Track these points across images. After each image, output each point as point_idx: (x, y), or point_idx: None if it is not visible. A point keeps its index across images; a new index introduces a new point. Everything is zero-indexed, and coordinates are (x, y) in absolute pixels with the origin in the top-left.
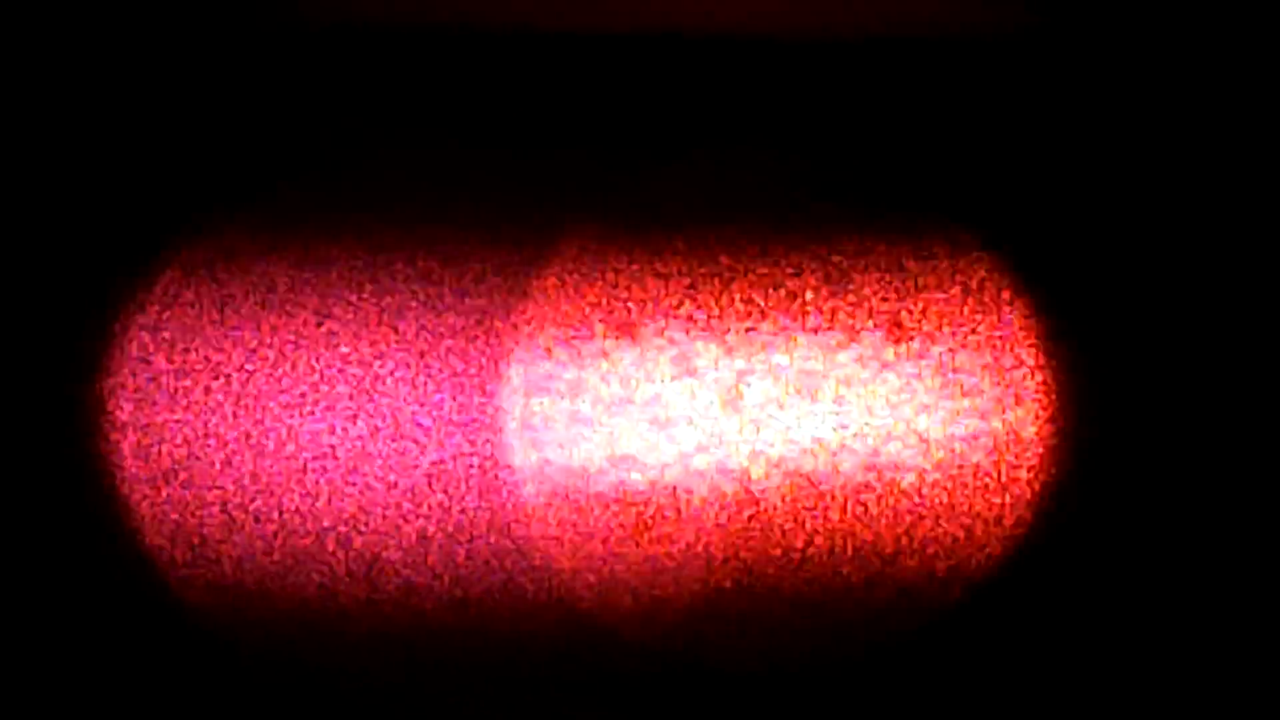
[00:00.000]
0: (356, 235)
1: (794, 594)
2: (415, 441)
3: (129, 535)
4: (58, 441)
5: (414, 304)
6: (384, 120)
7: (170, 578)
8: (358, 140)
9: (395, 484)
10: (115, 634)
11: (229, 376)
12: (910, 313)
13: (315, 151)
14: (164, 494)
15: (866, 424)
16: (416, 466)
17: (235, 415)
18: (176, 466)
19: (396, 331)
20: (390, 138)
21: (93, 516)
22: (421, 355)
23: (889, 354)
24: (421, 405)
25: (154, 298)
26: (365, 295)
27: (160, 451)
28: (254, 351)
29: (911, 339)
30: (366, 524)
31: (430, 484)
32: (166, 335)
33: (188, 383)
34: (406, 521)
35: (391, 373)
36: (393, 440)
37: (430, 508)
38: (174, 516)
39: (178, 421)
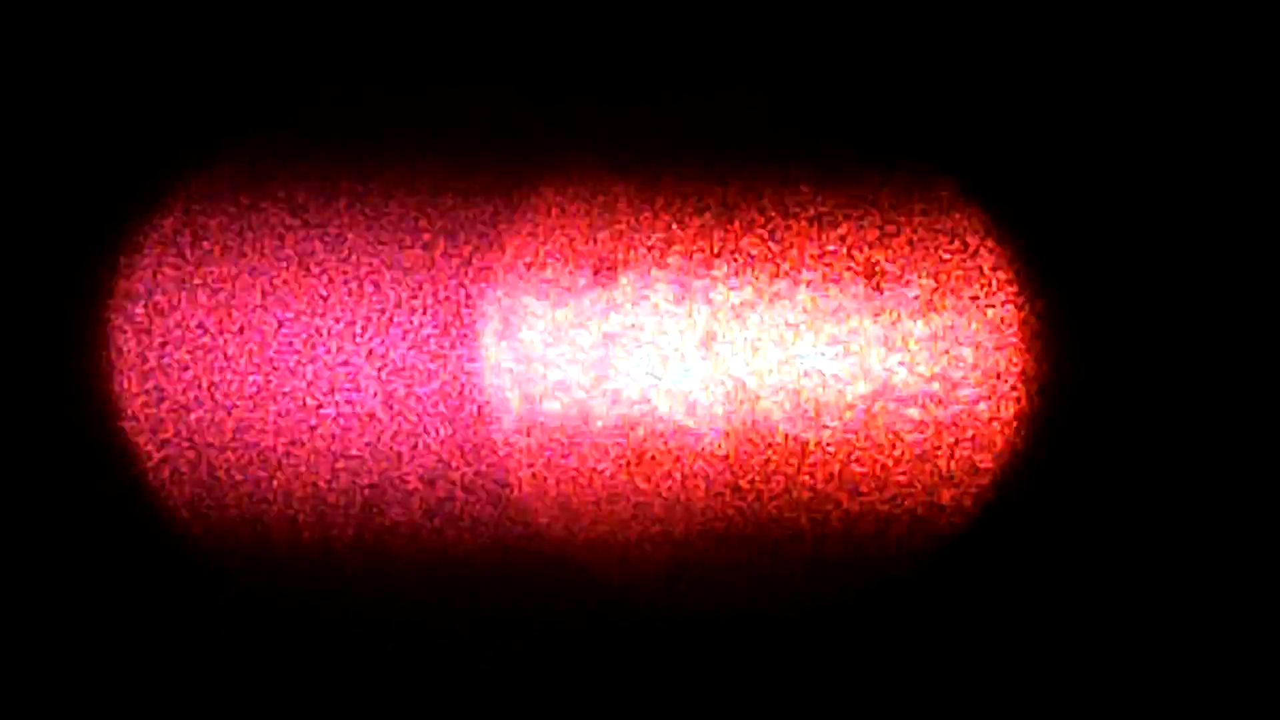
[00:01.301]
0: (339, 173)
1: (772, 538)
2: (395, 377)
3: (129, 466)
4: (59, 379)
5: (394, 241)
6: (367, 57)
7: (168, 503)
8: (343, 77)
9: (376, 420)
10: (121, 568)
11: (217, 315)
12: (888, 258)
13: (301, 89)
14: (162, 422)
15: (844, 369)
16: (397, 403)
17: (221, 353)
18: (175, 398)
19: (376, 269)
20: (372, 74)
21: (94, 450)
22: (401, 292)
23: (867, 299)
24: (401, 342)
25: (151, 236)
26: (348, 232)
27: (158, 383)
28: (240, 290)
29: (889, 284)
30: (351, 459)
31: (410, 421)
32: (167, 268)
33: (184, 316)
34: (389, 459)
35: (372, 310)
36: (371, 375)
37: (410, 446)
38: (172, 447)
39: (178, 354)
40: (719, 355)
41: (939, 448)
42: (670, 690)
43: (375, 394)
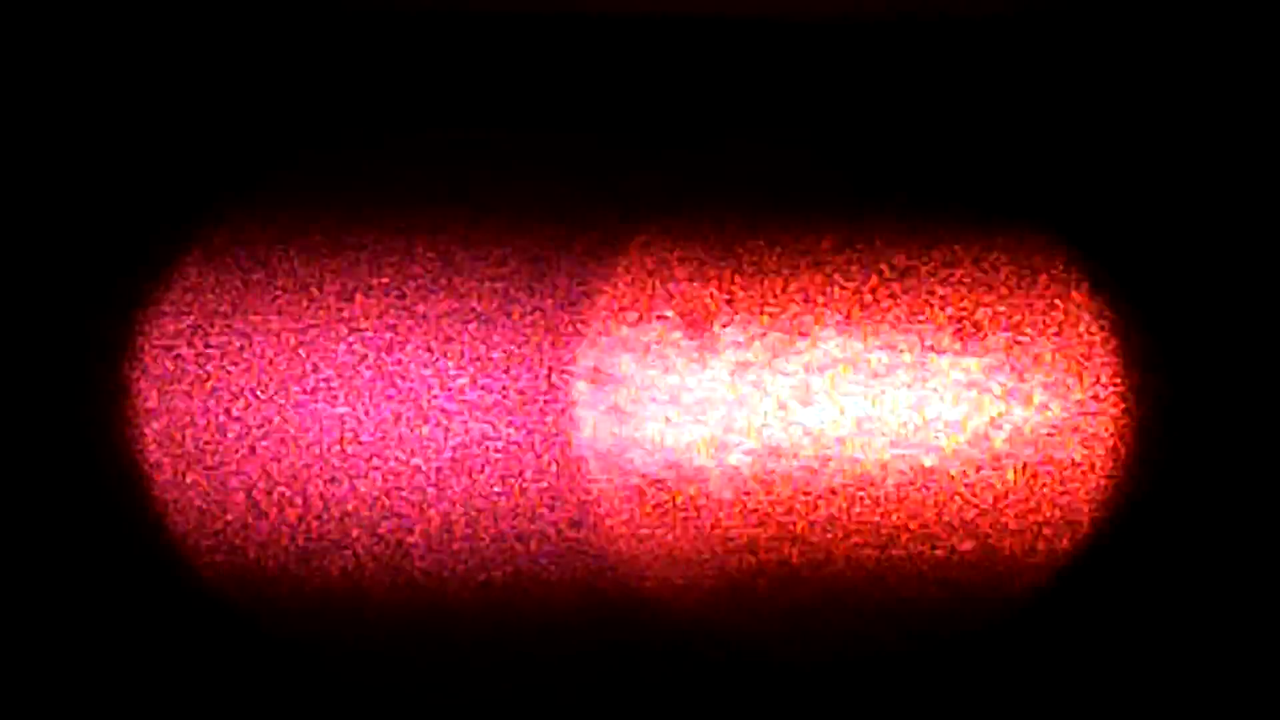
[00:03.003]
0: (424, 222)
1: (861, 589)
2: (486, 429)
3: (154, 521)
4: (82, 428)
5: (487, 293)
6: (450, 107)
7: (195, 563)
8: (422, 129)
9: (466, 471)
10: (140, 620)
11: (257, 363)
12: (978, 307)
13: (376, 136)
14: (189, 480)
15: (934, 420)
16: (489, 455)
17: (265, 403)
18: (202, 454)
19: (469, 321)
20: (456, 125)
21: (117, 503)
22: (489, 347)
23: (957, 349)
24: (493, 394)
25: (179, 282)
26: (440, 283)
27: (185, 438)
28: (319, 339)
29: (979, 334)
30: (439, 511)
31: (501, 473)
32: (192, 320)
33: (214, 369)
34: (480, 511)
35: (465, 361)
36: (463, 428)
37: (501, 499)
38: (199, 504)
39: (203, 408)
40: (812, 407)
41: (1031, 499)
42: None
43: (466, 446)
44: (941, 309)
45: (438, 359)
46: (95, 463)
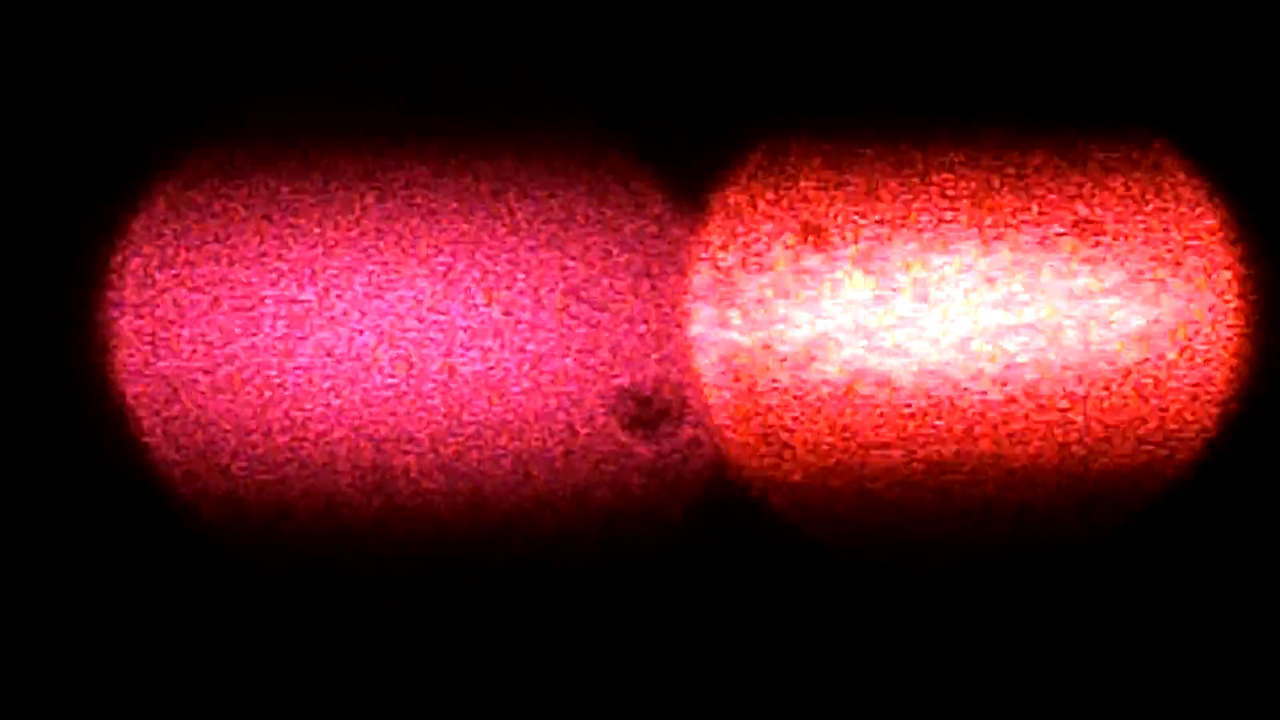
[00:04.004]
0: (523, 139)
1: (978, 493)
2: (596, 348)
3: (137, 450)
4: (63, 355)
5: (602, 209)
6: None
7: (180, 493)
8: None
9: (577, 388)
10: (127, 551)
11: (241, 291)
12: (1097, 211)
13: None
14: (172, 410)
15: (1054, 324)
16: (600, 372)
17: (271, 323)
18: (187, 386)
19: (588, 241)
20: (568, 45)
21: (101, 434)
22: (606, 263)
23: (1077, 253)
24: (607, 310)
25: (164, 206)
26: (559, 201)
27: (173, 365)
28: (289, 264)
29: (1099, 237)
30: (541, 433)
31: (616, 391)
32: (184, 243)
33: (197, 295)
34: (593, 431)
35: (576, 282)
36: (578, 344)
37: (616, 415)
38: (182, 436)
39: (190, 335)
40: (930, 313)
41: (1149, 402)
42: (884, 653)
43: (577, 364)
44: (1060, 213)
45: (551, 284)
46: (74, 394)
